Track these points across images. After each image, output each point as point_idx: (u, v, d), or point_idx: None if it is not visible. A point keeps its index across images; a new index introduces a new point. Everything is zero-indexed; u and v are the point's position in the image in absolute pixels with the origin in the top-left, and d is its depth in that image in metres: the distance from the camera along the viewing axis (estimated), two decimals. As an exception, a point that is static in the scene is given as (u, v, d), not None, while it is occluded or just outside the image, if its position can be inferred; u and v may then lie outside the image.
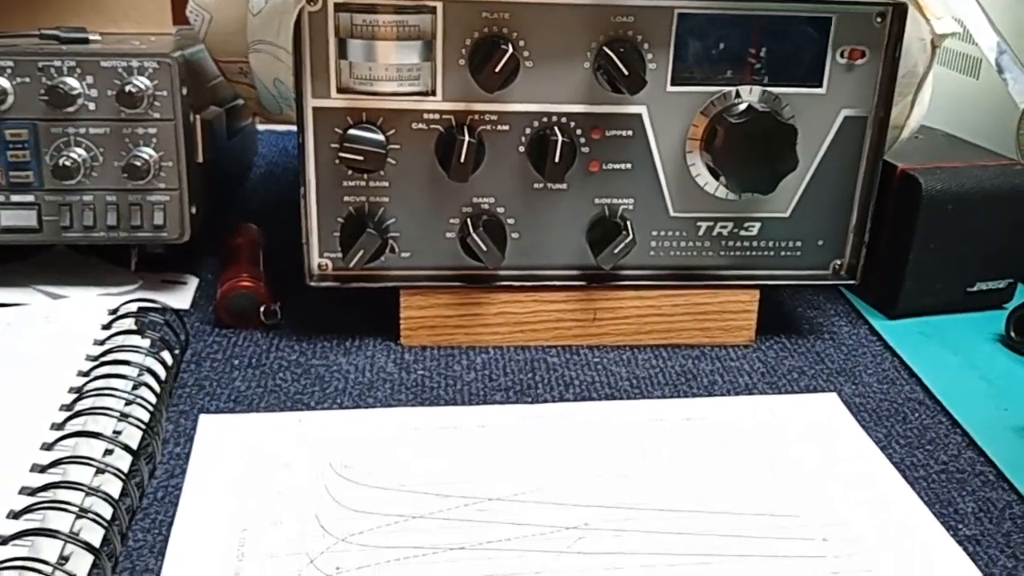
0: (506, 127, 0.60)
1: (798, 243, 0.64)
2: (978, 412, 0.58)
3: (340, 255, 0.61)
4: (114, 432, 0.49)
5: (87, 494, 0.44)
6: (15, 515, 0.43)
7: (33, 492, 0.44)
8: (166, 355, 0.57)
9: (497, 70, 0.56)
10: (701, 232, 0.63)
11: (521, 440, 0.54)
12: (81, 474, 0.45)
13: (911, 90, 0.63)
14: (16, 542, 0.41)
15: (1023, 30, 0.80)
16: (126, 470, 0.47)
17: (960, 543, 0.47)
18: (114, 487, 0.45)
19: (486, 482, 0.50)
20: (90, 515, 0.43)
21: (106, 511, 0.44)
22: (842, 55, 0.60)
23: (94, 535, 0.42)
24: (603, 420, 0.56)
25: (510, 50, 0.56)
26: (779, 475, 0.52)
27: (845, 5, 0.59)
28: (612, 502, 0.49)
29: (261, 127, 1.04)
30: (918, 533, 0.48)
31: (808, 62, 0.60)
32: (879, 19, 0.60)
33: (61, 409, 0.51)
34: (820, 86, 0.61)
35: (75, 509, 0.42)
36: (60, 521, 0.42)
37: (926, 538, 0.48)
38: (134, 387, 0.53)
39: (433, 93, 0.58)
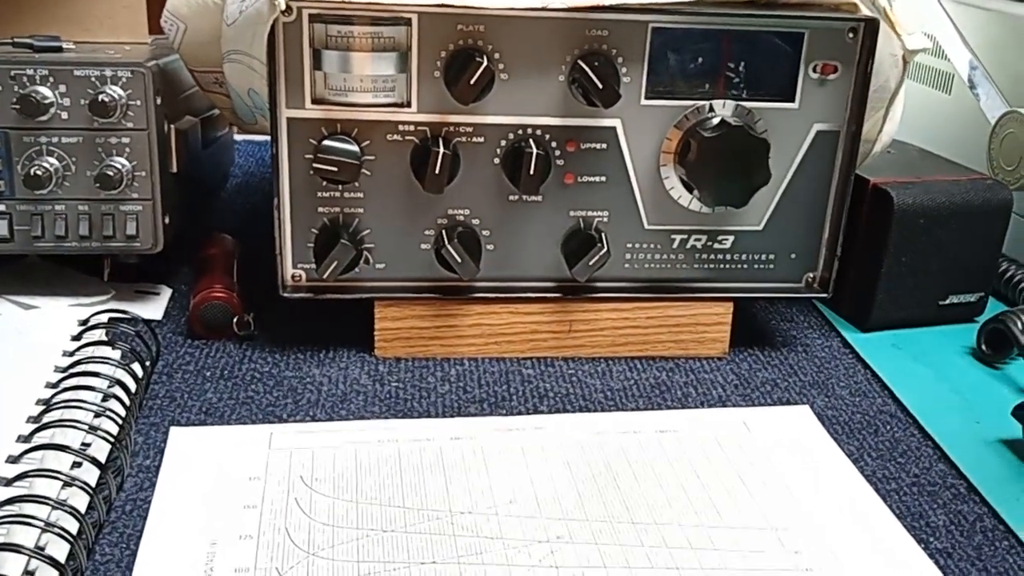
0: (481, 139, 0.60)
1: (771, 256, 0.65)
2: (950, 425, 0.59)
3: (314, 266, 0.60)
4: (82, 445, 0.49)
5: (53, 508, 0.43)
6: (-21, 529, 0.42)
7: (-2, 506, 0.43)
8: (137, 367, 0.57)
9: (472, 82, 0.56)
10: (675, 245, 0.64)
11: (494, 453, 0.54)
12: (47, 488, 0.44)
13: (883, 105, 0.64)
14: (-21, 557, 0.41)
15: (994, 46, 0.81)
16: (93, 484, 0.46)
17: (931, 556, 0.47)
18: (81, 501, 0.45)
19: (458, 495, 0.50)
20: (56, 529, 0.42)
21: (72, 526, 0.43)
22: (814, 70, 0.61)
23: (59, 550, 0.42)
24: (577, 432, 0.56)
25: (485, 62, 0.56)
26: (752, 488, 0.52)
27: (817, 20, 0.60)
28: (585, 515, 0.49)
29: (239, 137, 1.03)
30: (890, 546, 0.48)
31: (781, 77, 0.61)
32: (851, 34, 0.60)
33: (28, 421, 0.50)
34: (793, 101, 0.61)
35: (40, 523, 0.42)
36: (25, 536, 0.41)
37: (898, 551, 0.48)
38: (103, 399, 0.53)
39: (408, 105, 0.58)
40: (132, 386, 0.55)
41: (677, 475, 0.52)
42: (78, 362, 0.55)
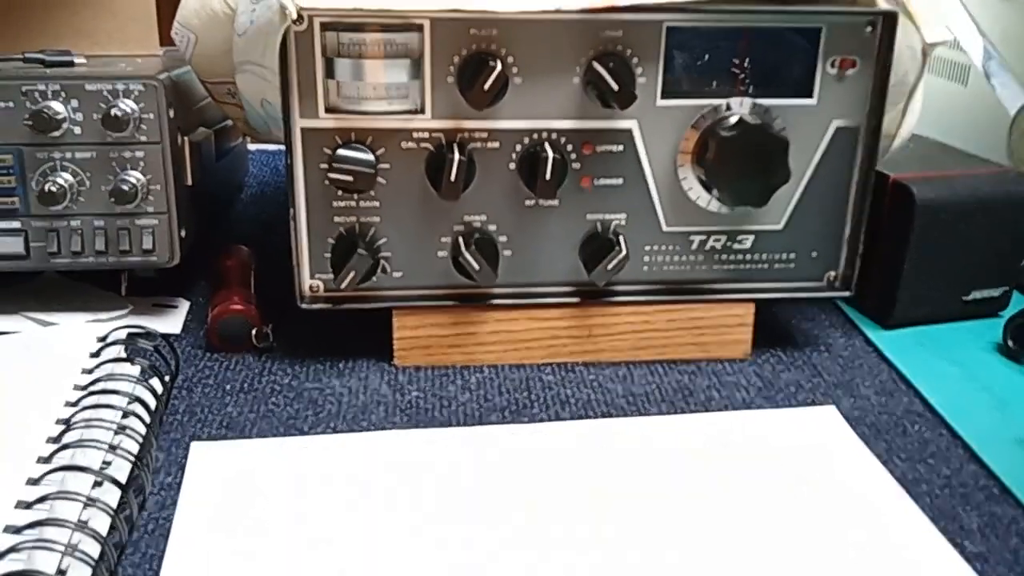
0: (496, 144, 0.59)
1: (792, 255, 0.64)
2: (979, 424, 0.58)
3: (331, 276, 0.60)
4: (103, 463, 0.48)
5: (74, 531, 0.43)
6: None
7: (18, 530, 0.43)
8: (156, 382, 0.57)
9: (486, 87, 0.55)
10: (694, 246, 0.63)
11: (518, 462, 0.53)
12: (68, 510, 0.44)
13: (902, 99, 0.63)
14: (2, 582, 0.40)
15: (1010, 35, 0.80)
16: (115, 505, 0.46)
17: (968, 561, 0.46)
18: (102, 523, 0.44)
19: (483, 506, 0.49)
20: (77, 553, 0.42)
21: (94, 549, 0.43)
22: (832, 65, 0.60)
23: (82, 574, 0.41)
24: (600, 440, 0.55)
25: (499, 67, 0.55)
26: (780, 493, 0.51)
27: (835, 15, 0.59)
28: (612, 524, 0.48)
29: (252, 146, 1.03)
30: (924, 552, 0.47)
31: (798, 73, 0.60)
32: (869, 28, 0.59)
33: (48, 441, 0.50)
34: (811, 97, 0.60)
35: (61, 548, 0.41)
36: (46, 561, 0.41)
37: (933, 557, 0.47)
38: (123, 416, 0.52)
39: (422, 111, 0.58)
40: (152, 402, 0.54)
41: (702, 481, 0.52)
42: (97, 380, 0.55)
